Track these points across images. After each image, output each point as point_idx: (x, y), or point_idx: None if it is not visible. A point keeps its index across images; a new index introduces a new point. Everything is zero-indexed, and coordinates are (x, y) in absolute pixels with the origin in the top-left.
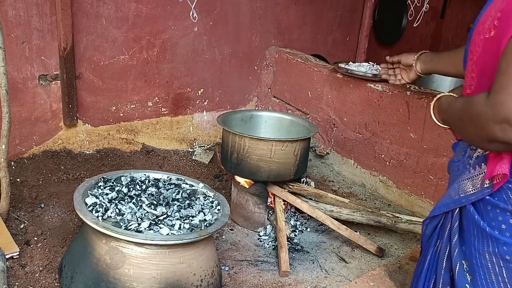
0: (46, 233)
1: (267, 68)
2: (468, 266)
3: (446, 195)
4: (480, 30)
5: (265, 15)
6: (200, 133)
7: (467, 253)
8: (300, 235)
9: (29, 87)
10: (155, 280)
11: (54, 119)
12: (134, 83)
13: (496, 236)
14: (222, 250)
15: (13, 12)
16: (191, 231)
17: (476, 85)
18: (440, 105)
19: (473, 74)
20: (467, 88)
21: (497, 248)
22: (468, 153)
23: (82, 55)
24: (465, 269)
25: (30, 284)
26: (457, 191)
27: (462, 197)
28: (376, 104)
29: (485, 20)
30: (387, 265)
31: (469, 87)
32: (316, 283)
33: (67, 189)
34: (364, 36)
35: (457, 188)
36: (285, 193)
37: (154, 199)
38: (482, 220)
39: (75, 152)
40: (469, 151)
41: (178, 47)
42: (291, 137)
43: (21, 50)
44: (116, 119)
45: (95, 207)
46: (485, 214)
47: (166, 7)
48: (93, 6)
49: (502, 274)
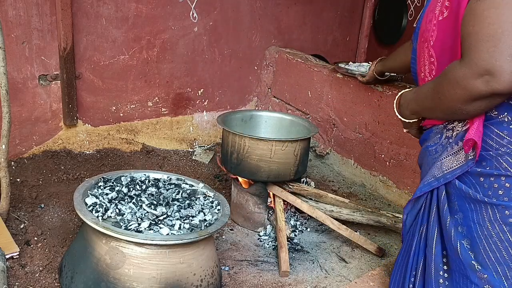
0: (46, 233)
1: (267, 68)
2: (469, 244)
3: (427, 176)
4: (431, 17)
5: (265, 15)
6: (200, 133)
7: (465, 231)
8: (300, 235)
9: (29, 87)
10: (155, 280)
11: (54, 119)
12: (134, 83)
13: (495, 203)
14: (222, 250)
15: (13, 12)
16: (191, 231)
17: (437, 67)
18: (405, 98)
19: (432, 59)
20: (426, 76)
21: (499, 214)
22: (445, 134)
23: (82, 55)
24: (467, 247)
25: (30, 284)
26: (441, 169)
27: (447, 173)
28: (376, 104)
29: (434, 8)
30: (387, 265)
31: (430, 74)
32: (316, 283)
33: (67, 189)
34: (364, 36)
35: (440, 166)
36: (285, 193)
37: (154, 199)
38: (477, 192)
39: (75, 152)
40: (445, 132)
41: (178, 47)
42: (291, 137)
43: (21, 50)
44: (116, 119)
45: (95, 207)
46: (479, 185)
47: (166, 7)
48: (93, 6)
49: (508, 239)
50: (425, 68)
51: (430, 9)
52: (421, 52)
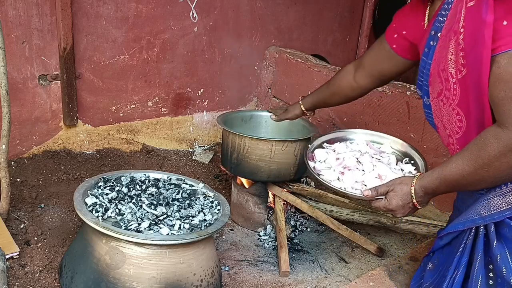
0: (46, 233)
1: (267, 68)
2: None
3: (470, 213)
4: (445, 77)
5: (265, 15)
6: (200, 133)
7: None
8: (300, 235)
9: (29, 87)
10: (155, 280)
11: (54, 119)
12: (134, 83)
13: None
14: (222, 250)
15: (13, 12)
16: (191, 231)
17: (466, 126)
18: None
19: (459, 117)
20: (454, 134)
21: None
22: None
23: (82, 55)
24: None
25: (30, 284)
26: (488, 208)
27: (495, 213)
28: (376, 104)
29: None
30: (387, 265)
31: (458, 131)
32: (316, 283)
33: (67, 189)
34: (364, 36)
35: (486, 205)
36: (285, 193)
37: (154, 199)
38: None
39: (75, 152)
40: None
41: (178, 47)
42: (291, 137)
43: (21, 50)
44: (116, 119)
45: (95, 207)
46: None
47: (166, 7)
48: (93, 6)
49: None
50: (452, 125)
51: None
52: (441, 110)
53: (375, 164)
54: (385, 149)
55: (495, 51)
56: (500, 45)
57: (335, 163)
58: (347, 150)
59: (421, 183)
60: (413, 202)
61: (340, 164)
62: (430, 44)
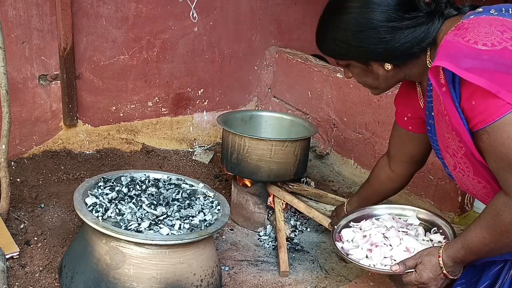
0: (46, 233)
1: (267, 68)
2: None
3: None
4: (451, 153)
5: (265, 15)
6: (200, 133)
7: None
8: (300, 235)
9: (29, 87)
10: (155, 280)
11: (54, 119)
12: (134, 83)
13: None
14: (222, 250)
15: (13, 12)
16: (191, 231)
17: (491, 188)
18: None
19: (482, 184)
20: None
21: None
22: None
23: (82, 55)
24: None
25: (30, 284)
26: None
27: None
28: (376, 104)
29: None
30: None
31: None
32: (316, 283)
33: (67, 189)
34: None
35: None
36: (283, 192)
37: (154, 199)
38: None
39: (75, 152)
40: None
41: (178, 47)
42: (291, 137)
43: (21, 50)
44: (116, 119)
45: (95, 207)
46: None
47: (166, 7)
48: (93, 6)
49: None
50: (478, 191)
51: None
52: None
53: (402, 238)
54: (412, 221)
55: (474, 128)
56: (476, 123)
57: (362, 241)
58: (373, 226)
59: (448, 253)
60: (443, 273)
61: (367, 241)
62: (430, 122)
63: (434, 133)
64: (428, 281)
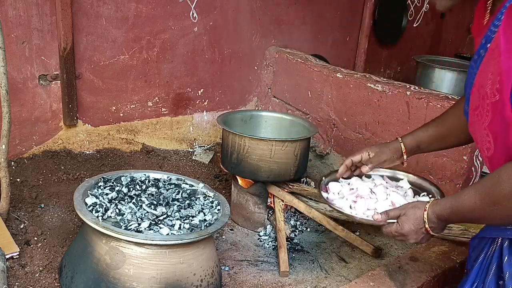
0: (46, 233)
1: (267, 68)
2: None
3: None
4: (483, 94)
5: (265, 15)
6: (200, 133)
7: None
8: (300, 235)
9: (29, 87)
10: (155, 280)
11: (54, 119)
12: (134, 83)
13: None
14: (222, 250)
15: (13, 12)
16: (191, 231)
17: (494, 149)
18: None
19: (488, 138)
20: (484, 151)
21: None
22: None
23: (82, 55)
24: None
25: (30, 284)
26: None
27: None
28: (376, 104)
29: (484, 83)
30: (387, 265)
31: (488, 150)
32: (316, 283)
33: (67, 189)
34: (364, 36)
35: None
36: (282, 192)
37: (154, 199)
38: None
39: (75, 152)
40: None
41: (178, 47)
42: (291, 137)
43: (21, 50)
44: (116, 119)
45: (95, 207)
46: None
47: (166, 7)
48: (93, 6)
49: None
50: (482, 144)
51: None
52: (475, 124)
53: (389, 193)
54: (402, 184)
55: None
56: None
57: (348, 193)
58: (362, 182)
59: (434, 209)
60: (425, 228)
61: (353, 193)
62: (480, 52)
63: (478, 65)
64: (408, 233)
